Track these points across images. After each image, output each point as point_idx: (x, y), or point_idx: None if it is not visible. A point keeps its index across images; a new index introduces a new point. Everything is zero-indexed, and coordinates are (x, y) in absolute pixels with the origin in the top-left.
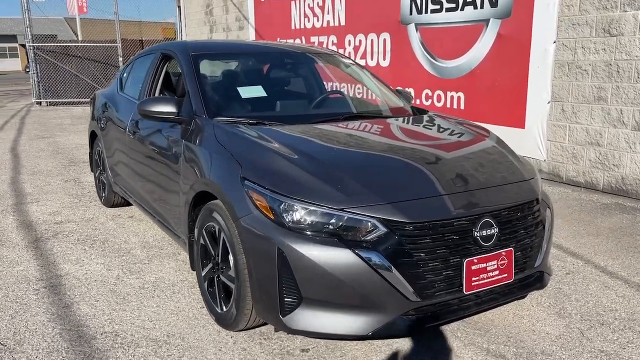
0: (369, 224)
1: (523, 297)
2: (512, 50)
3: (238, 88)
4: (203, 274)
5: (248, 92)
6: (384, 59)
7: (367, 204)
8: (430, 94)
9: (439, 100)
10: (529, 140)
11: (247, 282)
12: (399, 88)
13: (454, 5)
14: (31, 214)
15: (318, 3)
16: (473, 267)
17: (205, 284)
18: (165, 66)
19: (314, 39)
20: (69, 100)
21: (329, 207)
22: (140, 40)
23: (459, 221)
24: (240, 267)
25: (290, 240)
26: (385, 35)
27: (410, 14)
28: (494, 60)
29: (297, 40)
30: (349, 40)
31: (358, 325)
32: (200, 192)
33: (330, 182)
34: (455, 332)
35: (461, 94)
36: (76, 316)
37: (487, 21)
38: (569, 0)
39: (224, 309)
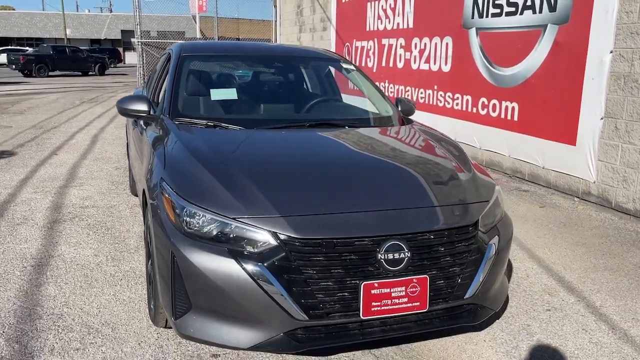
0: (260, 236)
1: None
2: (567, 59)
3: (211, 90)
4: (146, 269)
5: (220, 94)
6: (446, 63)
7: (260, 215)
8: (486, 102)
9: (494, 110)
10: (580, 159)
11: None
12: (400, 97)
13: (513, 9)
14: (68, 197)
15: (390, 5)
16: (373, 292)
17: (147, 279)
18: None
19: (384, 41)
20: None
21: (222, 216)
22: (237, 38)
23: (360, 241)
24: (154, 266)
25: (182, 246)
26: (448, 40)
27: (472, 17)
28: (549, 69)
29: (370, 42)
30: (415, 44)
31: (241, 338)
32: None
33: (233, 191)
34: (380, 357)
35: (515, 105)
36: (40, 296)
37: (544, 27)
38: (628, 6)
39: (151, 305)
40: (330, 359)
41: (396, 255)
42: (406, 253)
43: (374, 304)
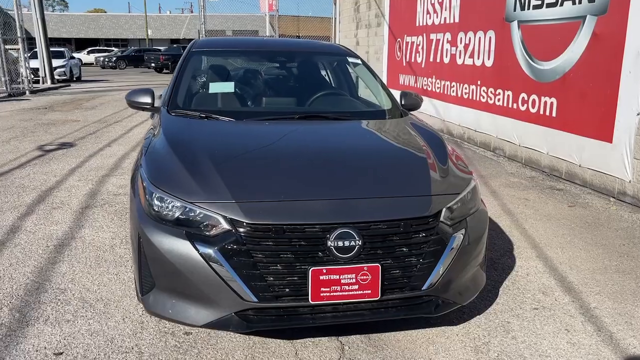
0: (215, 220)
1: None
2: (605, 52)
3: (210, 84)
4: None
5: (218, 87)
6: (489, 58)
7: (215, 200)
8: (526, 98)
9: (533, 105)
10: (615, 157)
11: None
12: (407, 91)
13: (554, 0)
14: (105, 185)
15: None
16: (321, 277)
17: None
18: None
19: (432, 36)
20: None
21: (182, 200)
22: (297, 35)
23: (311, 228)
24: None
25: (147, 229)
26: (491, 34)
27: (514, 10)
28: (586, 62)
29: (420, 38)
30: (460, 38)
31: (196, 316)
32: None
33: (197, 177)
34: (346, 344)
35: (554, 100)
36: (51, 272)
37: (583, 18)
38: None
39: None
40: (295, 344)
41: (346, 243)
42: (357, 241)
43: (323, 289)
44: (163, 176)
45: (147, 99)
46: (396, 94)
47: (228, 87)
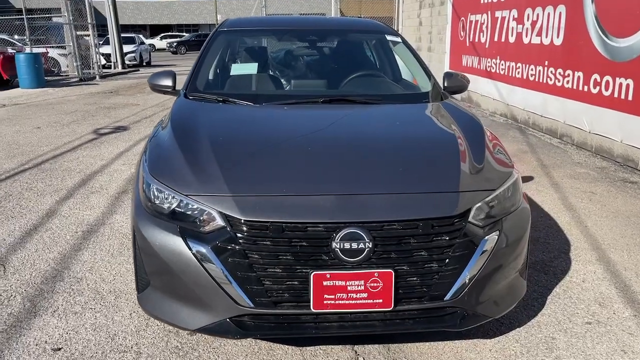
0: (209, 215)
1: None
2: None
3: (232, 65)
4: None
5: (240, 69)
6: (558, 36)
7: (210, 193)
8: (598, 79)
9: (606, 88)
10: None
11: None
12: (452, 72)
13: None
14: None
15: None
16: (325, 283)
17: None
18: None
19: (497, 13)
20: None
21: (176, 192)
22: (359, 16)
23: (314, 227)
24: None
25: (141, 222)
26: (561, 8)
27: None
28: None
29: (484, 16)
30: (528, 15)
31: (188, 319)
32: None
33: (195, 167)
34: (362, 354)
35: (630, 82)
36: (73, 260)
37: None
38: None
39: None
40: (304, 352)
41: (354, 245)
42: (367, 243)
43: (326, 296)
44: (162, 166)
45: (168, 82)
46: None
47: (251, 68)
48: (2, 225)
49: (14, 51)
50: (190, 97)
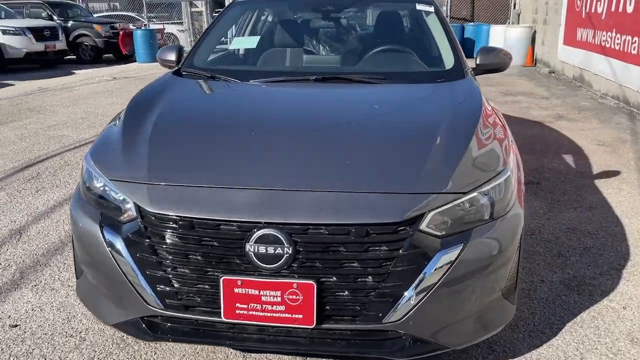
0: (125, 203)
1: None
2: None
3: (235, 39)
4: None
5: (240, 43)
6: (630, 2)
7: (130, 180)
8: None
9: None
10: None
11: None
12: (489, 47)
13: None
14: None
15: None
16: (236, 290)
17: None
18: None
19: None
20: None
21: (101, 175)
22: None
23: (227, 225)
24: None
25: (74, 207)
26: None
27: None
28: None
29: None
30: None
31: (106, 313)
32: None
33: (127, 150)
34: None
35: None
36: None
37: None
38: None
39: None
40: (248, 358)
41: (270, 250)
42: (286, 248)
43: (238, 305)
44: (101, 149)
45: (172, 57)
46: (572, 52)
47: (251, 42)
48: (43, 194)
49: (135, 27)
50: (184, 73)
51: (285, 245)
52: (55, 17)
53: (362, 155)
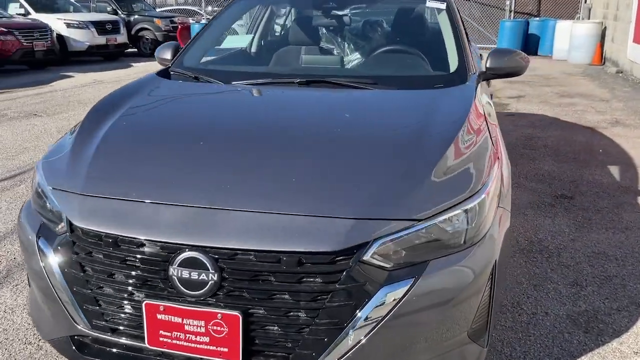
0: (61, 214)
1: None
2: None
3: (228, 37)
4: None
5: (231, 42)
6: None
7: (66, 189)
8: None
9: None
10: None
11: None
12: (500, 49)
13: None
14: None
15: None
16: (159, 316)
17: None
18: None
19: None
20: None
21: (45, 183)
22: None
23: (152, 246)
24: None
25: (22, 214)
26: None
27: None
28: None
29: None
30: None
31: (45, 327)
32: None
33: (74, 156)
34: None
35: None
36: None
37: None
38: None
39: None
40: None
41: (194, 275)
42: (211, 275)
43: (162, 332)
44: (54, 155)
45: (167, 55)
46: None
47: (242, 41)
48: None
49: (193, 21)
50: (172, 73)
51: (210, 271)
52: (119, 12)
53: (311, 172)
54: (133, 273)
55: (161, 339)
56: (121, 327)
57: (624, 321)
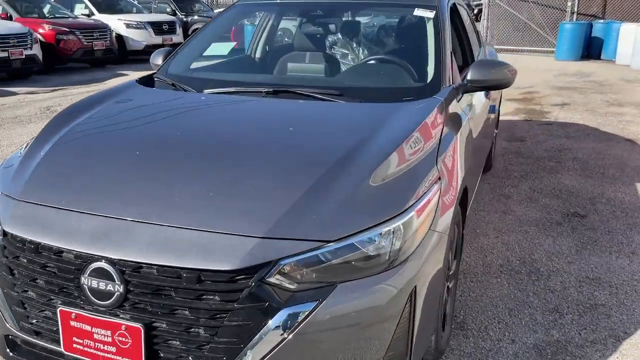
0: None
1: None
2: None
3: (213, 44)
4: None
5: (215, 49)
6: None
7: (6, 194)
8: None
9: None
10: None
11: None
12: (484, 60)
13: None
14: None
15: None
16: (72, 323)
17: None
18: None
19: None
20: (515, 48)
21: None
22: None
23: (68, 253)
24: None
25: None
26: None
27: None
28: None
29: None
30: None
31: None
32: None
33: (25, 160)
34: None
35: None
36: None
37: None
38: None
39: None
40: None
41: (102, 285)
42: (117, 286)
43: (75, 339)
44: (12, 159)
45: (159, 61)
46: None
47: (225, 49)
48: None
49: (248, 23)
50: (156, 80)
51: (117, 282)
52: (178, 12)
53: (230, 187)
54: (52, 280)
55: (74, 345)
56: (43, 331)
57: (595, 355)
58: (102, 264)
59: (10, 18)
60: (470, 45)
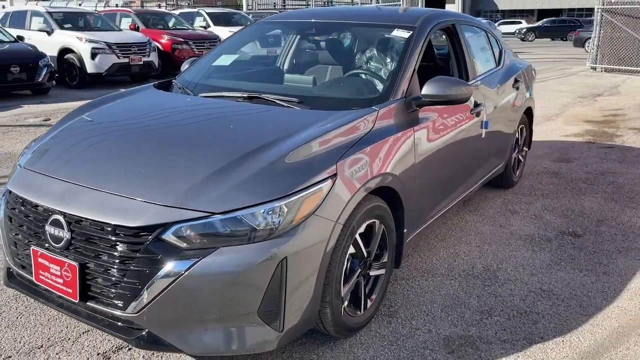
0: None
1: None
2: None
3: (223, 55)
4: None
5: (222, 60)
6: None
7: (21, 165)
8: None
9: None
10: None
11: None
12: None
13: None
14: None
15: None
16: (39, 260)
17: None
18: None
19: None
20: (628, 68)
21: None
22: None
23: (40, 207)
24: None
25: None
26: None
27: None
28: None
29: None
30: None
31: None
32: None
33: (38, 142)
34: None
35: None
36: None
37: None
38: None
39: None
40: None
41: (56, 232)
42: (65, 233)
43: (40, 272)
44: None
45: (185, 67)
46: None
47: (228, 59)
48: None
49: None
50: (174, 83)
51: (65, 230)
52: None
53: (158, 166)
54: (30, 226)
55: (40, 276)
56: (26, 265)
57: (498, 351)
58: (58, 216)
59: (137, 29)
60: (473, 62)
